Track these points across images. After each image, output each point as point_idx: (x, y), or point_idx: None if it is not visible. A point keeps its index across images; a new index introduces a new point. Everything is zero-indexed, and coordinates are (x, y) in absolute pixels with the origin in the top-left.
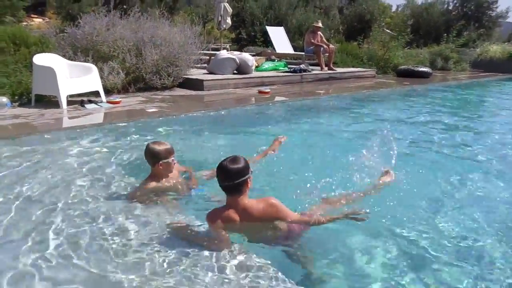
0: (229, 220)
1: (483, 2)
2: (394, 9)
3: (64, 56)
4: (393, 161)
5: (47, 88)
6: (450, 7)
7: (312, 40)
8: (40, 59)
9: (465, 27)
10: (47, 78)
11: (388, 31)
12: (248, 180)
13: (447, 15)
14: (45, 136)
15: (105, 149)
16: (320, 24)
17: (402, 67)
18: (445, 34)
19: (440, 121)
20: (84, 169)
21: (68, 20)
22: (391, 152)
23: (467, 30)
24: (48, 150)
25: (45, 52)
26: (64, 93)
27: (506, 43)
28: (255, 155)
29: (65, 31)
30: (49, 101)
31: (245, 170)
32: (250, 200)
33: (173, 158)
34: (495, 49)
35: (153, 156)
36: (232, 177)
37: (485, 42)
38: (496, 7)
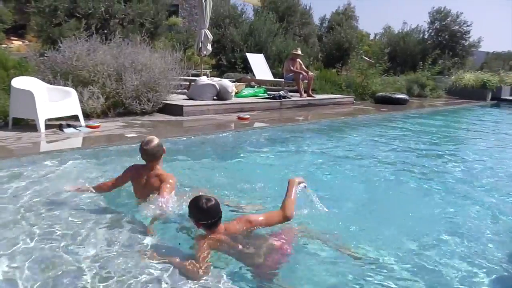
0: (216, 240)
1: (457, 32)
2: (372, 37)
3: (43, 79)
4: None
5: (25, 112)
6: (426, 36)
7: (292, 67)
8: (19, 82)
9: (440, 55)
10: (25, 102)
11: (366, 58)
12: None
13: (423, 44)
14: (22, 159)
15: (83, 174)
16: (299, 52)
17: (380, 94)
18: (421, 62)
19: (416, 146)
20: (61, 193)
21: (48, 44)
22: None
23: (442, 59)
24: (25, 174)
25: (24, 75)
26: (42, 116)
27: (479, 71)
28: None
29: (45, 54)
30: (26, 125)
31: (219, 207)
32: (226, 223)
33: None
34: (468, 77)
35: (159, 149)
36: (214, 214)
37: (459, 70)
38: (469, 37)
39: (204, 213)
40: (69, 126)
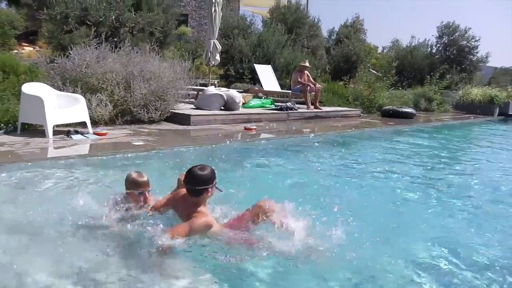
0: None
1: (464, 47)
2: (380, 50)
3: (53, 86)
4: None
5: (34, 117)
6: (434, 51)
7: (299, 79)
8: (29, 88)
9: (447, 70)
10: (34, 107)
11: (374, 71)
12: (209, 189)
13: (430, 58)
14: (29, 165)
15: (90, 180)
16: (307, 64)
17: (387, 107)
18: (429, 76)
19: (423, 160)
20: (67, 200)
21: (59, 50)
22: None
23: (449, 73)
24: (32, 179)
25: (34, 81)
26: (51, 122)
27: (486, 86)
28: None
29: (55, 61)
30: (35, 130)
31: (209, 180)
32: (203, 209)
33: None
34: (476, 92)
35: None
36: (194, 182)
37: (467, 85)
38: (477, 52)
39: (190, 177)
40: (77, 132)
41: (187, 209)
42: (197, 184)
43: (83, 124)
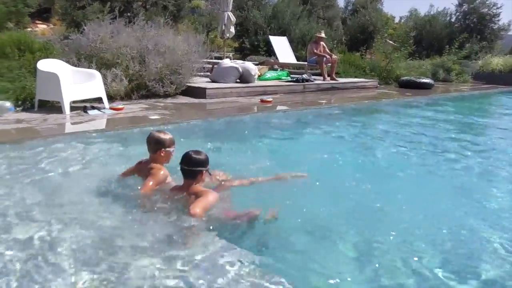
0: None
1: (485, 15)
2: (397, 20)
3: (68, 62)
4: None
5: (51, 94)
6: (453, 20)
7: (315, 50)
8: (44, 65)
9: (467, 39)
10: (50, 84)
11: (391, 42)
12: (203, 172)
13: (449, 27)
14: (48, 140)
15: (107, 155)
16: (323, 35)
17: (405, 78)
18: (448, 46)
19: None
20: (86, 174)
21: (72, 27)
22: None
23: (469, 43)
24: (51, 155)
25: (49, 58)
26: (67, 99)
27: (508, 55)
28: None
29: (70, 37)
30: (52, 107)
31: (204, 163)
32: (199, 188)
33: (174, 148)
34: (496, 62)
35: (157, 143)
36: (189, 163)
37: (487, 54)
38: (498, 20)
39: (185, 159)
40: (93, 108)
41: (190, 193)
42: (193, 165)
43: (99, 100)
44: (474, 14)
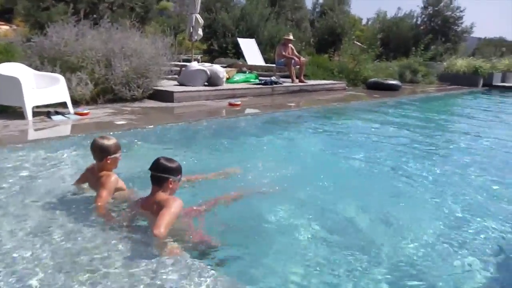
0: (143, 206)
1: (449, 18)
2: (364, 22)
3: (30, 65)
4: None
5: (12, 99)
6: (419, 22)
7: (283, 53)
8: (5, 68)
9: (432, 41)
10: (12, 89)
11: (359, 44)
12: (171, 181)
13: (415, 30)
14: (9, 148)
15: (71, 162)
16: (291, 37)
17: (372, 79)
18: (414, 48)
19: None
20: (47, 183)
21: (36, 29)
22: None
23: (434, 44)
24: (12, 164)
25: (10, 61)
26: (29, 104)
27: (471, 57)
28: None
29: (32, 40)
30: (13, 112)
31: (173, 171)
32: (164, 196)
33: (120, 153)
34: (460, 63)
35: (102, 151)
36: (157, 169)
37: (452, 56)
38: (462, 23)
39: (154, 164)
40: (57, 113)
41: (153, 201)
42: (160, 171)
43: (63, 105)
44: (438, 16)
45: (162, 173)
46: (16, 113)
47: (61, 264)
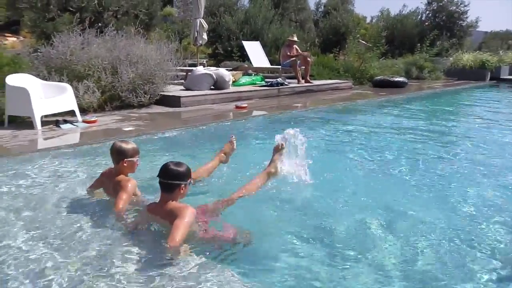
0: (151, 210)
1: (454, 13)
2: (368, 20)
3: (38, 76)
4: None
5: (21, 109)
6: (423, 18)
7: (289, 53)
8: (13, 79)
9: (438, 37)
10: (20, 99)
11: (364, 42)
12: (182, 186)
13: (420, 26)
14: (19, 158)
15: (80, 170)
16: (295, 38)
17: (378, 77)
18: (419, 44)
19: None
20: (59, 191)
21: (42, 39)
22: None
23: (440, 40)
24: (22, 173)
25: (18, 72)
26: (38, 113)
27: (477, 51)
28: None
29: (39, 50)
30: (23, 122)
31: (183, 176)
32: (176, 204)
33: (138, 158)
34: (467, 58)
35: (119, 153)
36: (167, 175)
37: (458, 51)
38: (467, 17)
39: (162, 171)
40: (65, 122)
41: (165, 211)
42: (170, 178)
43: (71, 113)
44: (443, 12)
45: (172, 180)
46: (25, 123)
47: (78, 269)
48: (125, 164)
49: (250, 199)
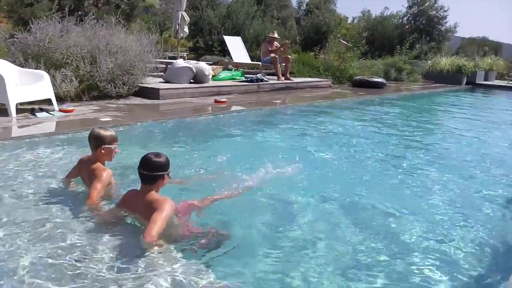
0: (125, 202)
1: (433, 17)
2: (350, 20)
3: (14, 62)
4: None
5: None
6: (404, 21)
7: (270, 48)
8: None
9: (417, 40)
10: None
11: (344, 42)
12: (164, 176)
13: (400, 28)
14: None
15: (55, 159)
16: (276, 35)
17: (358, 77)
18: (399, 47)
19: (392, 129)
20: (32, 180)
21: (20, 25)
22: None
23: (419, 43)
24: None
25: None
26: (13, 101)
27: (454, 56)
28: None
29: (15, 36)
30: None
31: (164, 167)
32: (156, 196)
33: (116, 145)
34: (445, 62)
35: (96, 139)
36: (149, 167)
37: (436, 54)
38: (446, 22)
39: (145, 163)
40: (41, 110)
41: (144, 202)
42: (153, 170)
43: (48, 102)
44: (423, 16)
45: (156, 172)
46: (0, 110)
47: (48, 259)
48: (102, 151)
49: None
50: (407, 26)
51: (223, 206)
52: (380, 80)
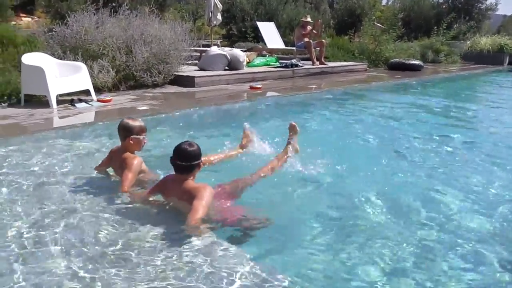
0: (161, 187)
1: None
2: (384, 2)
3: (53, 55)
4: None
5: (37, 88)
6: (441, 0)
7: (303, 32)
8: (29, 58)
9: (455, 20)
10: (36, 78)
11: (379, 24)
12: (200, 164)
13: (437, 8)
14: (35, 136)
15: (96, 148)
16: (309, 19)
17: (394, 60)
18: (436, 27)
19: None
20: (74, 169)
21: (57, 19)
22: None
23: (457, 23)
24: (38, 151)
25: (33, 51)
26: (54, 92)
27: (495, 35)
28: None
29: (53, 30)
30: (39, 101)
31: (199, 155)
32: (193, 184)
33: (144, 135)
34: (485, 41)
35: (125, 130)
36: (185, 158)
37: (475, 34)
38: (486, 0)
39: (181, 155)
40: (80, 101)
41: (183, 190)
42: (189, 159)
43: (86, 92)
44: None
45: (192, 161)
46: (41, 101)
47: (85, 247)
48: (131, 142)
49: (267, 182)
50: (444, 6)
51: (262, 189)
52: (417, 62)
